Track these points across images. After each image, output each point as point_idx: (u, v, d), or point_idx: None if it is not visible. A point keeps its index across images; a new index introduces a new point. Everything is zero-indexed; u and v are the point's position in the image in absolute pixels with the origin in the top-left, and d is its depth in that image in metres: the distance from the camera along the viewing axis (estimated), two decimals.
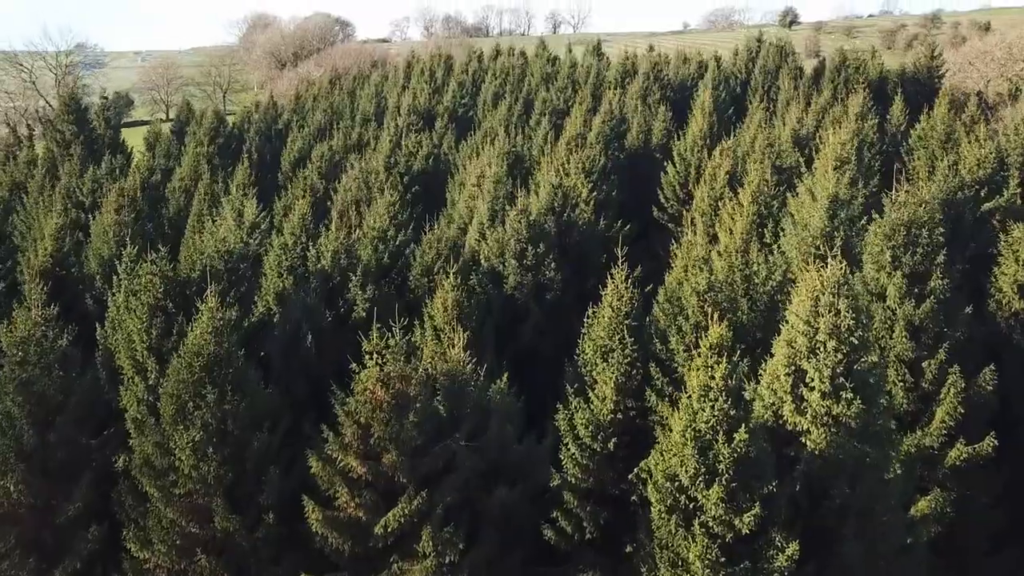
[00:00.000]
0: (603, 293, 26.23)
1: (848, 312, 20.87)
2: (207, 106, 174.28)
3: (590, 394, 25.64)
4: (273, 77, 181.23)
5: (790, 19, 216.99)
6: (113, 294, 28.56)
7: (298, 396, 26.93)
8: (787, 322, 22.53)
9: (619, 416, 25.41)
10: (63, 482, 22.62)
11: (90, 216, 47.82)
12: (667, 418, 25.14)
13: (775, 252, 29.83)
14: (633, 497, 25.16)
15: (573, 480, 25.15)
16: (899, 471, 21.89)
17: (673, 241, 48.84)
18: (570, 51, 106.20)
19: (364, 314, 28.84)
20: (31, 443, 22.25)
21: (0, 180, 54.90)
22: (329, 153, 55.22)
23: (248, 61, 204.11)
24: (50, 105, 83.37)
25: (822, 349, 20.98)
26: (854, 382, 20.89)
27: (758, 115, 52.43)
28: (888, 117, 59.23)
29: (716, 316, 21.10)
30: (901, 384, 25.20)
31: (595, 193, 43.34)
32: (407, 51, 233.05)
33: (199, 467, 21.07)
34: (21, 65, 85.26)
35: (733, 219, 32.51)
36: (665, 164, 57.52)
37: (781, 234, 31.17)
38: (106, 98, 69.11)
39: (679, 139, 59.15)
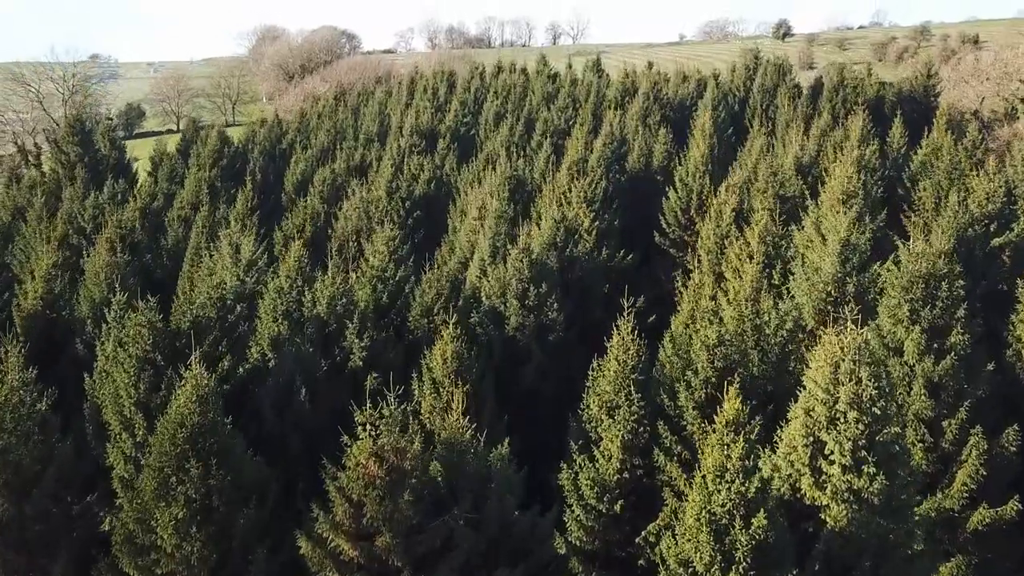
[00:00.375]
0: (608, 344, 24.30)
1: (870, 381, 18.92)
2: (214, 121, 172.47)
3: (595, 451, 23.72)
4: (281, 89, 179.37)
5: (784, 31, 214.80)
6: (102, 342, 26.57)
7: (291, 452, 25.00)
8: (804, 387, 20.57)
9: (626, 475, 23.51)
10: (41, 556, 20.66)
11: (92, 242, 46.08)
12: (675, 479, 23.26)
13: (785, 298, 27.81)
14: (641, 561, 23.26)
15: (578, 543, 23.24)
16: (923, 546, 19.91)
17: (675, 270, 47.48)
18: (570, 66, 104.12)
19: (360, 362, 26.86)
20: (7, 515, 20.30)
21: (3, 203, 52.95)
22: (331, 176, 53.27)
23: (257, 72, 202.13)
24: (56, 124, 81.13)
25: (842, 420, 19.03)
26: (876, 455, 18.94)
27: (759, 141, 50.37)
28: (888, 139, 57.24)
29: (732, 391, 19.03)
30: (920, 444, 23.21)
31: (597, 223, 41.42)
32: (412, 62, 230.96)
33: (182, 546, 19.09)
34: (28, 85, 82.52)
35: (740, 260, 30.55)
36: (666, 189, 55.76)
37: (790, 276, 29.14)
38: (111, 119, 66.86)
39: (680, 162, 57.33)
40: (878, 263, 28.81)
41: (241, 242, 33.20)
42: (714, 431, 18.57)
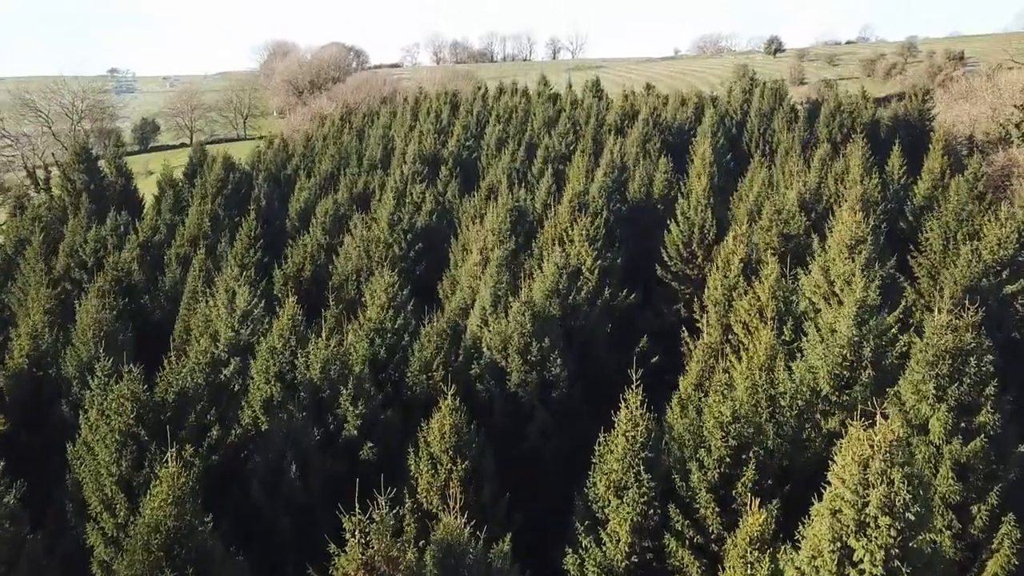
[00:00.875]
0: (616, 419, 21.88)
1: (903, 483, 16.50)
2: (226, 134, 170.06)
3: (602, 534, 21.33)
4: (291, 104, 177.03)
5: (775, 47, 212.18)
6: (84, 410, 24.14)
7: (281, 532, 22.61)
8: (824, 467, 18.14)
9: (635, 560, 21.11)
10: None
11: (93, 275, 43.74)
12: (687, 565, 20.87)
13: (798, 359, 25.33)
14: None
15: None
16: None
17: (677, 303, 45.11)
18: (570, 86, 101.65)
19: (355, 431, 24.41)
20: None
21: (8, 234, 50.57)
22: (333, 207, 50.85)
23: (268, 87, 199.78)
24: (65, 148, 78.50)
25: (873, 525, 16.61)
26: (911, 565, 16.53)
27: (760, 175, 47.93)
28: (887, 168, 54.82)
29: (755, 503, 16.60)
30: (948, 531, 20.75)
31: (599, 261, 39.02)
32: (417, 80, 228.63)
33: None
34: (39, 111, 79.69)
35: (750, 315, 28.09)
36: (667, 218, 53.33)
37: (802, 335, 26.62)
38: (120, 146, 64.41)
39: (681, 191, 54.93)
40: (896, 324, 26.31)
41: (237, 290, 30.72)
42: (734, 545, 16.11)
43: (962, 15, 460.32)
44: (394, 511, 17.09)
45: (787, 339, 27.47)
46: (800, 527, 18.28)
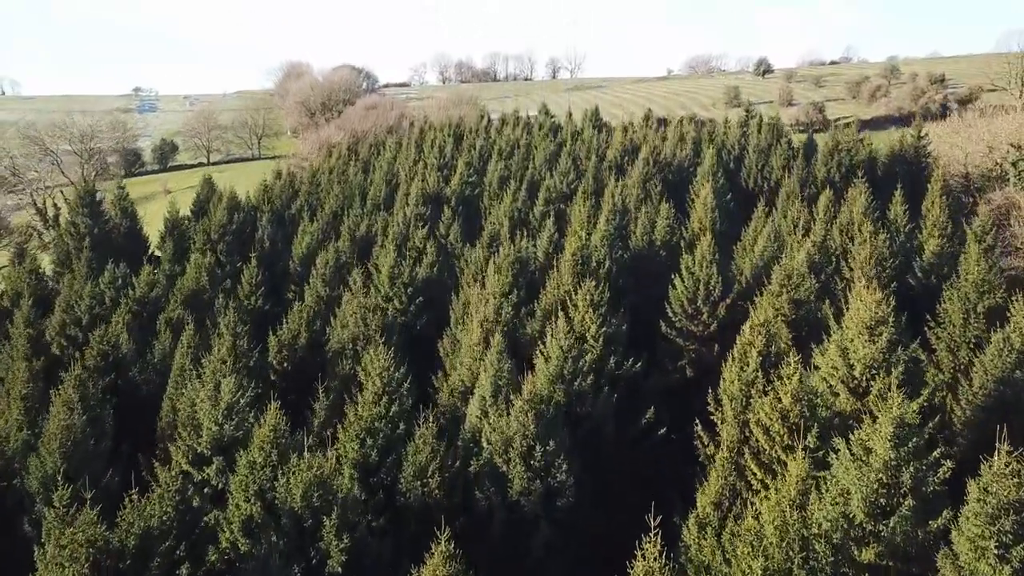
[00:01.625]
0: (630, 571, 18.02)
1: None
2: (241, 154, 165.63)
3: None
4: (304, 124, 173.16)
5: (763, 69, 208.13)
6: (42, 543, 20.29)
7: None
8: None
9: None
10: None
11: (81, 348, 39.93)
12: None
13: (831, 484, 21.34)
14: None
15: None
16: None
17: (682, 359, 41.24)
18: (570, 116, 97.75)
19: (340, 568, 20.53)
20: None
21: (7, 285, 46.73)
22: (335, 256, 47.01)
23: (282, 107, 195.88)
24: (73, 183, 74.36)
25: None
26: None
27: (766, 230, 43.96)
28: (889, 214, 50.94)
29: None
30: None
31: (604, 328, 35.14)
32: (424, 95, 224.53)
33: None
34: (47, 149, 75.42)
35: (771, 419, 24.15)
36: (673, 276, 49.54)
37: (834, 458, 22.55)
38: (123, 187, 60.43)
39: (683, 236, 51.12)
40: (929, 432, 22.36)
41: (223, 381, 26.80)
42: None
43: (941, 37, 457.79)
44: None
45: (811, 445, 23.56)
46: None
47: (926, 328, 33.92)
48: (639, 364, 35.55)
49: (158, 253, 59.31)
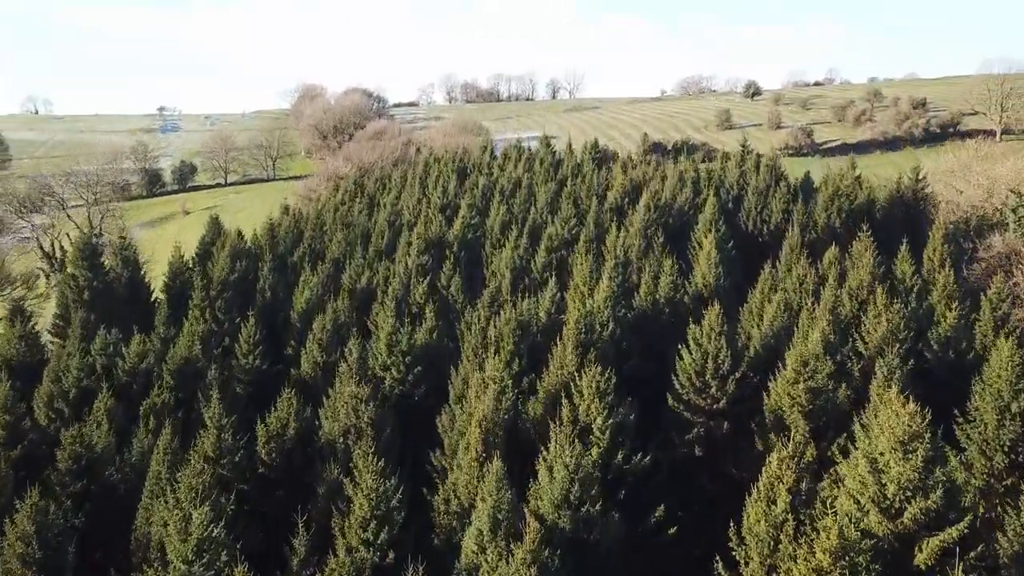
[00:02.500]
0: None
1: None
2: (256, 175, 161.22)
3: None
4: (317, 146, 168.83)
5: (752, 91, 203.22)
6: None
7: None
8: None
9: None
10: None
11: (78, 409, 35.72)
12: None
13: None
14: None
15: None
16: None
17: (689, 432, 36.87)
18: (571, 149, 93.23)
19: None
20: None
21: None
22: (332, 320, 42.65)
23: (297, 128, 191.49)
24: (80, 228, 69.71)
25: None
26: None
27: (776, 299, 39.46)
28: (896, 271, 46.52)
29: None
30: None
31: (611, 419, 30.81)
32: (431, 116, 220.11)
33: None
34: (53, 194, 70.72)
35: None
36: (673, 320, 45.23)
37: None
38: (124, 237, 56.06)
39: (687, 290, 46.71)
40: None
41: (193, 513, 22.41)
42: None
43: (920, 58, 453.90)
44: None
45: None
46: None
47: (954, 424, 29.49)
48: (647, 459, 31.19)
49: (161, 296, 55.08)
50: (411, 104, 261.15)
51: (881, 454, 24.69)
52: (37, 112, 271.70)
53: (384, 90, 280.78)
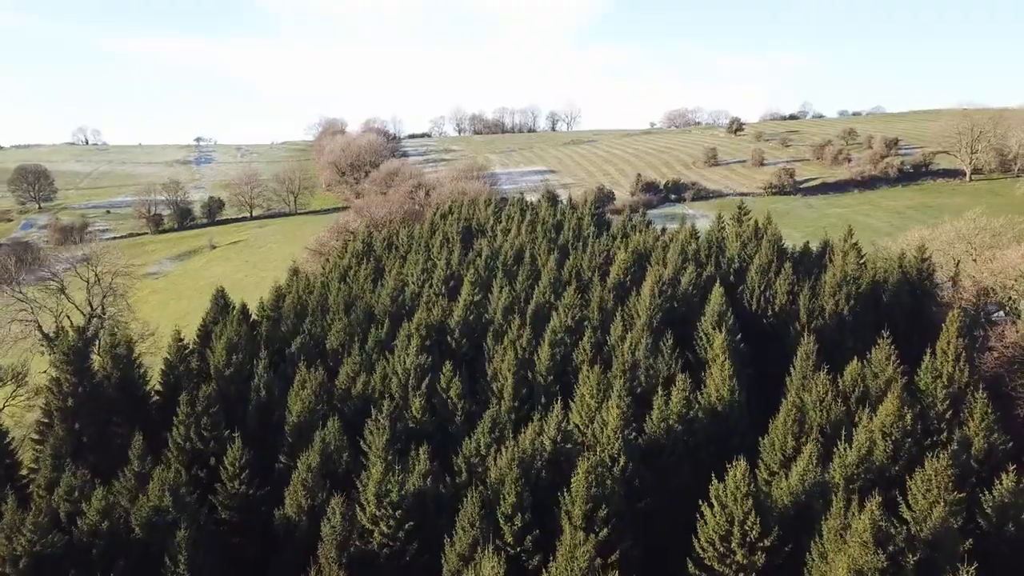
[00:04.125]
0: None
1: None
2: (280, 207, 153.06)
3: None
4: (336, 181, 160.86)
5: (735, 127, 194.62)
6: None
7: None
8: None
9: None
10: None
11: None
12: None
13: None
14: None
15: None
16: None
17: None
18: (571, 205, 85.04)
19: None
20: None
21: None
22: (320, 451, 34.74)
23: (317, 162, 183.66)
24: (83, 312, 61.10)
25: None
26: None
27: (808, 453, 31.24)
28: (918, 377, 38.56)
29: None
30: None
31: None
32: (443, 145, 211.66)
33: None
34: (53, 277, 62.42)
35: None
36: (687, 440, 37.32)
37: None
38: (115, 334, 47.93)
39: (699, 403, 38.74)
40: None
41: None
42: None
43: (885, 92, 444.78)
44: None
45: None
46: None
47: None
48: None
49: (158, 387, 47.18)
50: (424, 135, 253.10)
51: None
52: (87, 142, 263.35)
53: (399, 120, 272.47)
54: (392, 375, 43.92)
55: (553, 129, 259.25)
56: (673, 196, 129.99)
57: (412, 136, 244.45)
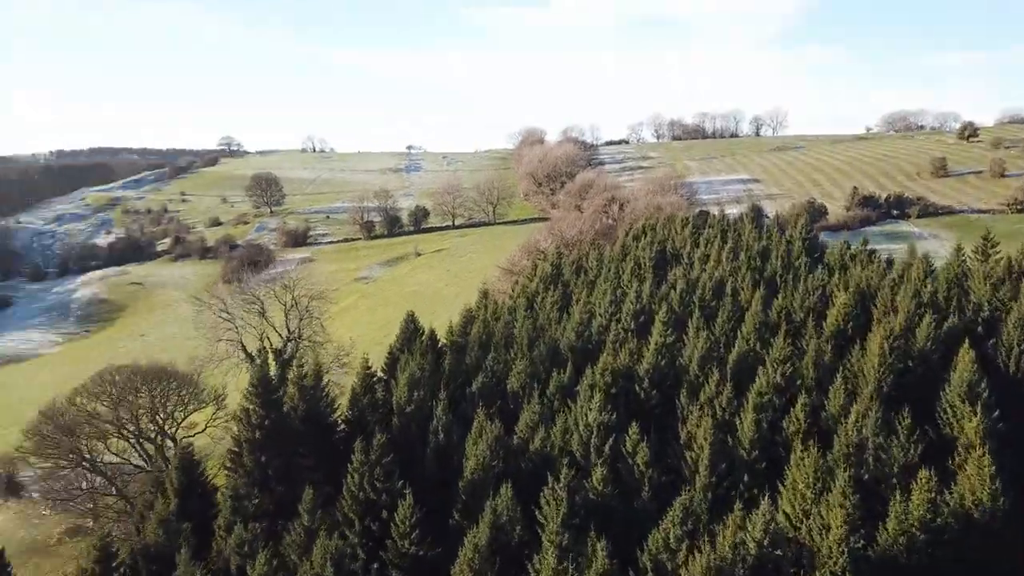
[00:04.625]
0: None
1: None
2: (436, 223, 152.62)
3: None
4: (533, 191, 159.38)
5: (968, 133, 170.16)
6: None
7: None
8: None
9: None
10: None
11: None
12: None
13: None
14: None
15: None
16: None
17: None
18: (779, 227, 75.67)
19: None
20: None
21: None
22: (504, 504, 30.87)
23: (516, 171, 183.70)
24: (277, 331, 61.72)
25: None
26: None
27: None
28: None
29: None
30: None
31: None
32: (640, 152, 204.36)
33: None
34: (255, 300, 63.41)
35: None
36: None
37: None
38: (302, 364, 47.07)
39: (947, 502, 30.31)
40: None
41: None
42: None
43: None
44: None
45: None
46: None
47: None
48: None
49: (346, 415, 45.79)
50: (622, 142, 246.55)
51: None
52: (314, 149, 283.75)
53: (597, 128, 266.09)
54: (573, 429, 39.13)
55: (757, 134, 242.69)
56: (895, 212, 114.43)
57: (610, 143, 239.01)
